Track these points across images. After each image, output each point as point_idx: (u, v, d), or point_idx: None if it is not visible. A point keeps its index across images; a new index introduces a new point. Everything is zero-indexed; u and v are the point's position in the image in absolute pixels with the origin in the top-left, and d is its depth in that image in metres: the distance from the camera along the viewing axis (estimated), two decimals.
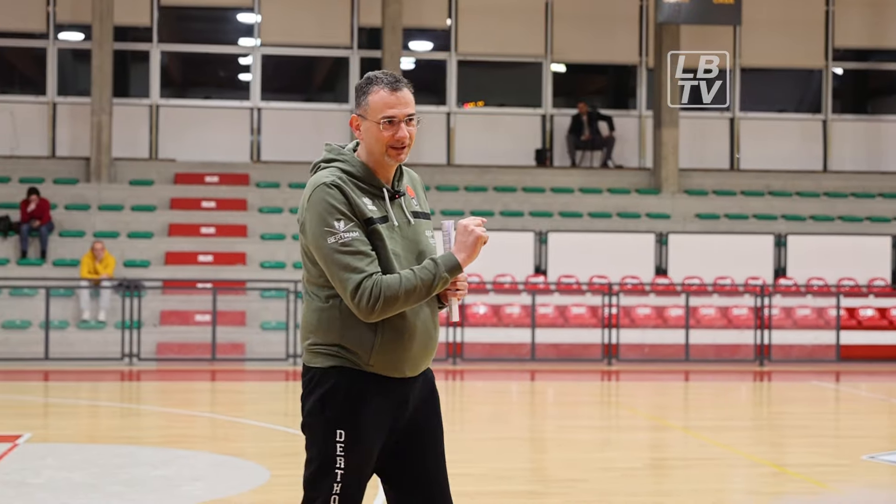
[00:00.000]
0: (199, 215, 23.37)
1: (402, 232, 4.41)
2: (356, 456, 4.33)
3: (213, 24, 26.31)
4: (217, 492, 8.71)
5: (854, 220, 24.47)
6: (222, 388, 17.40)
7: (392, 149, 4.39)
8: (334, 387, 4.33)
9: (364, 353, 4.32)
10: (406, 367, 4.39)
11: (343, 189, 4.32)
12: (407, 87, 4.40)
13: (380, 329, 4.32)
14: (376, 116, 4.37)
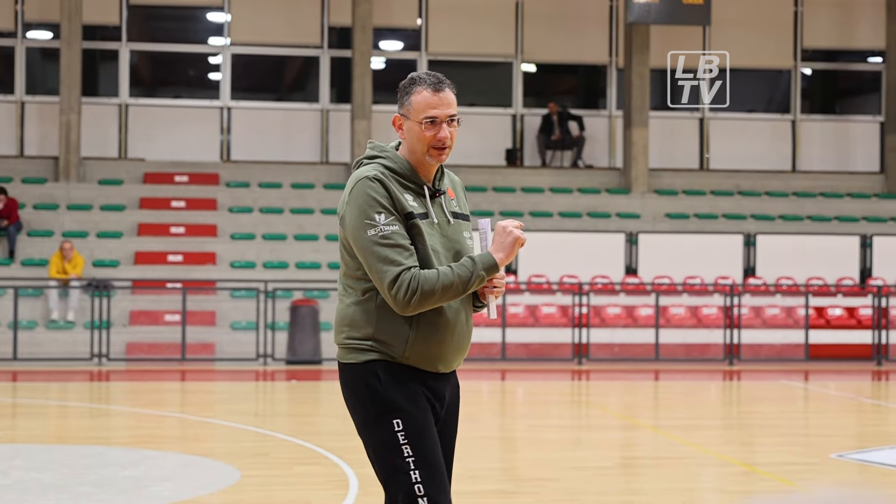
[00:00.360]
0: (169, 215, 23.29)
1: (442, 230, 4.45)
2: (422, 441, 4.37)
3: (183, 24, 26.22)
4: (186, 492, 8.67)
5: (823, 220, 24.59)
6: (192, 388, 17.34)
7: (433, 149, 4.44)
8: (378, 379, 4.38)
9: (399, 346, 4.37)
10: (439, 363, 4.45)
11: (385, 183, 4.35)
12: (449, 88, 4.49)
13: (415, 323, 4.36)
14: (418, 116, 4.43)
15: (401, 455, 4.35)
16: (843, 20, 26.70)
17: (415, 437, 4.36)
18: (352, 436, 11.96)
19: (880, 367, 20.42)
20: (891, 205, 25.18)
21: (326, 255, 22.77)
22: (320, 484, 9.13)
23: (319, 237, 23.10)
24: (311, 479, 9.37)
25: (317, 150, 25.42)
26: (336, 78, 25.65)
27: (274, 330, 19.67)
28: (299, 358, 19.48)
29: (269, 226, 23.33)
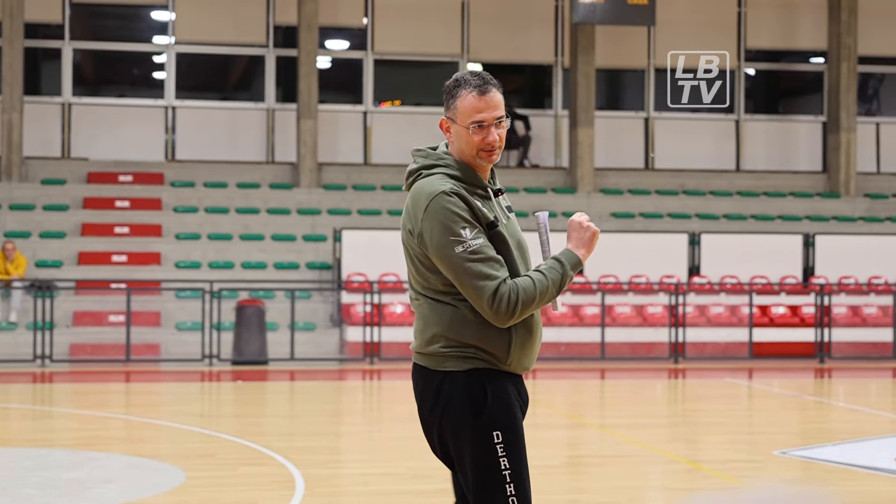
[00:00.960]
0: (113, 215, 23.13)
1: (509, 230, 4.45)
2: (518, 453, 4.34)
3: (127, 22, 26.04)
4: (131, 494, 8.62)
5: (766, 219, 24.79)
6: (137, 389, 17.23)
7: (483, 151, 4.39)
8: (482, 390, 4.33)
9: (502, 353, 4.34)
10: (531, 364, 4.46)
11: (463, 196, 4.31)
12: (496, 89, 4.40)
13: (514, 329, 4.34)
14: (466, 121, 4.37)
15: (498, 467, 4.33)
16: (786, 21, 26.93)
17: (512, 451, 4.34)
18: (298, 436, 11.96)
19: (823, 364, 20.60)
20: (833, 204, 25.43)
21: (272, 255, 22.70)
22: (266, 484, 9.10)
23: (265, 237, 23.02)
24: (256, 479, 9.34)
25: (262, 150, 25.33)
26: (282, 77, 25.56)
27: (220, 330, 19.58)
28: (245, 358, 19.40)
29: (215, 226, 23.22)
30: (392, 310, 20.75)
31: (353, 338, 20.46)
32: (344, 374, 19.04)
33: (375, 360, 19.90)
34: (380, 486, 9.14)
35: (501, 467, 4.32)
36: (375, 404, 16.01)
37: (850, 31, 25.45)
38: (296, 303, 20.33)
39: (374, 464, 10.24)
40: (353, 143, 25.62)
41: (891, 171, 27.01)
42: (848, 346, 21.43)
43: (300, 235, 23.21)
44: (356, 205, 24.02)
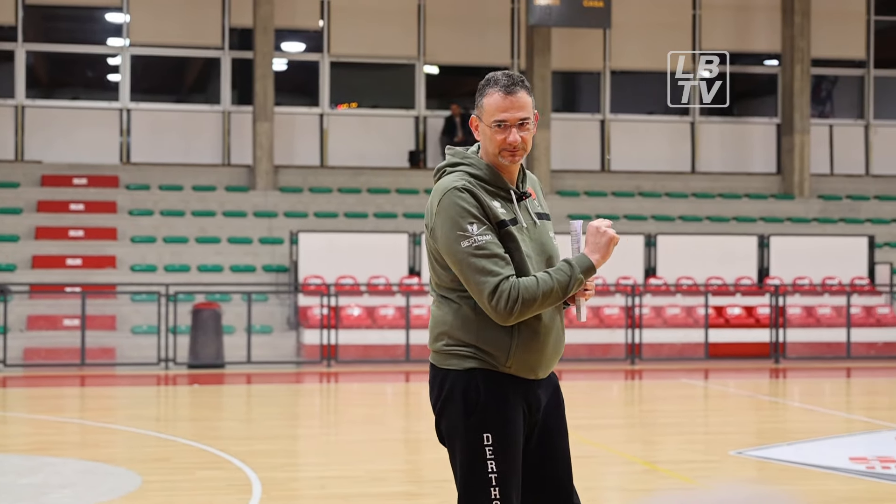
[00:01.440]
0: (68, 218, 22.98)
1: (530, 233, 4.42)
2: (507, 458, 4.34)
3: (81, 24, 25.87)
4: (87, 499, 8.57)
5: (721, 221, 24.93)
6: (92, 393, 17.12)
7: (505, 151, 4.38)
8: (476, 389, 4.34)
9: (502, 355, 4.34)
10: (539, 368, 4.43)
11: (474, 192, 4.31)
12: (523, 90, 4.37)
13: (516, 330, 4.34)
14: (489, 120, 4.37)
15: (485, 469, 4.34)
16: (741, 24, 27.10)
17: (502, 454, 4.34)
18: (254, 440, 11.93)
19: (778, 364, 20.73)
20: (787, 205, 25.61)
21: (228, 258, 22.62)
22: (223, 489, 9.07)
23: (221, 240, 22.94)
24: (213, 483, 9.30)
25: (218, 153, 25.24)
26: (237, 79, 25.48)
27: (175, 334, 19.49)
28: (201, 362, 19.32)
29: (171, 228, 23.11)
30: (349, 312, 20.71)
31: (309, 340, 20.42)
32: (301, 377, 18.99)
33: (332, 363, 19.86)
34: (337, 489, 9.13)
35: (488, 470, 4.34)
36: (332, 407, 15.98)
37: (803, 33, 25.64)
38: (252, 306, 20.26)
39: (331, 467, 10.22)
40: (310, 145, 25.57)
41: (844, 172, 27.23)
42: (802, 347, 21.57)
43: (256, 238, 23.14)
44: (313, 207, 23.97)
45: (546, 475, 4.54)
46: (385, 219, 23.76)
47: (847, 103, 28.04)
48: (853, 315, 21.69)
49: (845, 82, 28.06)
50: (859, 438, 11.88)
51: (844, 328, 21.46)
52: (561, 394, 4.65)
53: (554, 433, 4.56)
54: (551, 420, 4.55)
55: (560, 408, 4.61)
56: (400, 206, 24.13)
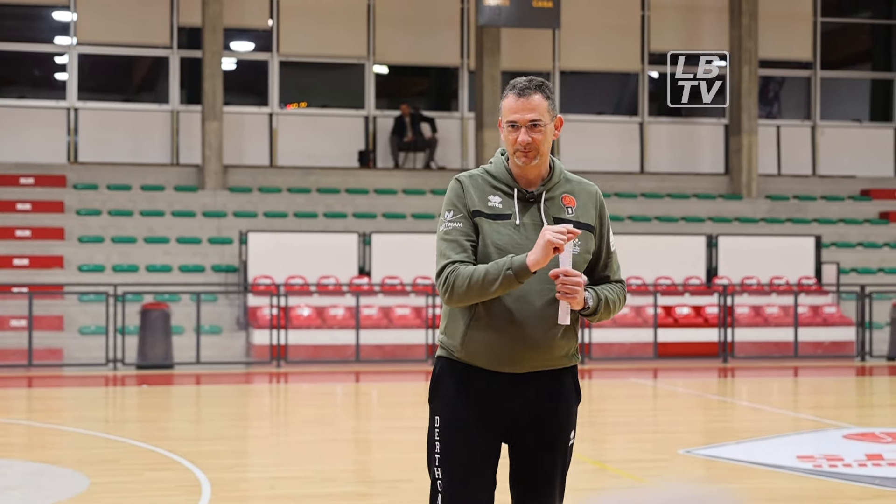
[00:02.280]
0: (14, 218, 22.78)
1: (528, 232, 4.49)
2: (449, 443, 4.53)
3: (27, 22, 25.65)
4: (33, 501, 8.50)
5: (670, 221, 25.07)
6: (39, 394, 16.98)
7: (518, 151, 4.52)
8: (436, 376, 4.64)
9: (456, 344, 4.56)
10: (500, 362, 4.50)
11: (464, 183, 4.55)
12: (538, 93, 4.54)
13: (472, 321, 4.51)
14: (504, 121, 4.56)
15: (433, 449, 4.58)
16: (688, 25, 27.26)
17: (445, 437, 4.54)
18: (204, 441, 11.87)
19: (726, 364, 20.87)
20: (735, 205, 25.78)
21: (177, 258, 22.50)
22: (172, 490, 9.03)
23: (170, 240, 22.81)
24: (162, 484, 9.25)
25: (167, 152, 25.10)
26: (186, 79, 25.35)
27: (124, 334, 19.37)
28: (150, 362, 19.21)
29: (119, 228, 22.96)
30: (299, 312, 20.66)
31: (259, 341, 20.35)
32: (250, 378, 18.92)
33: (282, 363, 19.80)
34: (287, 489, 9.10)
35: (436, 450, 4.57)
36: (282, 407, 15.93)
37: (750, 34, 25.82)
38: (201, 306, 20.17)
39: (281, 467, 10.19)
40: (259, 145, 25.49)
41: (791, 172, 27.46)
42: (750, 346, 21.73)
43: (205, 238, 23.03)
44: (262, 207, 23.89)
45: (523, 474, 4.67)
46: (335, 219, 23.72)
47: (794, 104, 28.28)
48: (800, 314, 21.87)
49: (792, 83, 28.29)
50: (807, 437, 11.98)
51: (792, 328, 21.63)
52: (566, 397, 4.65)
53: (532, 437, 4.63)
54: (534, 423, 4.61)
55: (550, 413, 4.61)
56: (350, 206, 24.09)
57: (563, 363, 4.59)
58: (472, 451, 4.52)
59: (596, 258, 4.64)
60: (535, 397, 4.58)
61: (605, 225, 4.66)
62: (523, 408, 4.57)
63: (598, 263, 4.65)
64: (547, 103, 4.54)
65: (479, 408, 4.53)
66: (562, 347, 4.54)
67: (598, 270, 4.66)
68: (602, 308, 4.54)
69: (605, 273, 4.66)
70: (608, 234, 4.68)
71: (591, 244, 4.58)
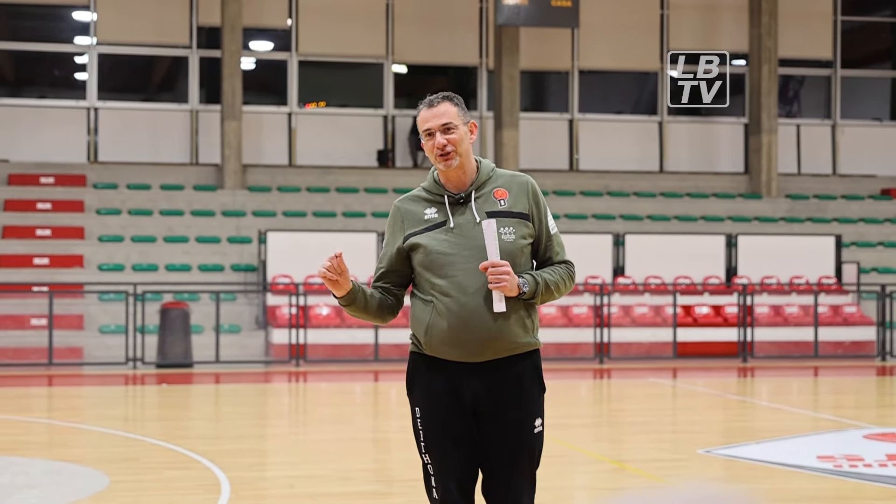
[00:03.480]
0: (35, 217, 22.86)
1: (464, 231, 4.84)
2: (430, 431, 4.88)
3: (48, 22, 25.73)
4: (53, 499, 8.52)
5: (689, 220, 25.01)
6: (60, 393, 17.04)
7: (438, 157, 4.88)
8: (410, 370, 5.01)
9: (422, 338, 4.89)
10: (456, 351, 4.82)
11: (400, 209, 4.98)
12: (446, 101, 4.98)
13: (430, 317, 4.85)
14: (421, 133, 4.97)
15: (419, 439, 4.93)
16: (708, 23, 27.20)
17: (426, 425, 4.89)
18: (223, 440, 11.90)
19: (746, 363, 20.82)
20: (755, 204, 25.71)
21: (196, 258, 22.55)
22: (191, 489, 9.04)
23: (189, 239, 22.86)
24: (181, 483, 9.27)
25: (186, 152, 25.16)
26: (205, 78, 25.41)
27: (143, 333, 19.42)
28: (170, 361, 19.26)
29: (138, 228, 23.02)
30: (317, 312, 20.68)
31: (278, 340, 20.38)
32: (269, 377, 18.95)
33: (301, 363, 19.83)
34: (305, 488, 9.11)
35: (420, 438, 4.91)
36: (301, 407, 15.95)
37: (770, 33, 25.75)
38: (221, 305, 20.21)
39: (299, 466, 10.20)
40: (278, 144, 25.52)
41: (811, 172, 27.37)
42: (770, 346, 21.67)
43: (225, 237, 23.07)
44: (281, 206, 23.92)
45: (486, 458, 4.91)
46: (353, 218, 23.74)
47: (814, 103, 28.19)
48: (820, 314, 21.81)
49: (812, 82, 28.20)
50: (827, 437, 11.94)
51: (812, 327, 21.56)
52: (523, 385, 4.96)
53: (493, 423, 4.88)
54: (493, 409, 4.87)
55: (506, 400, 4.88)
56: (368, 206, 24.11)
57: (521, 349, 4.93)
58: (450, 435, 4.84)
59: (536, 242, 4.94)
60: (495, 383, 4.87)
61: (541, 211, 4.94)
62: (485, 393, 4.86)
63: (540, 247, 4.95)
64: (456, 109, 4.94)
65: (449, 396, 4.85)
66: (516, 334, 4.87)
67: (541, 253, 4.96)
68: (542, 291, 4.85)
69: (549, 255, 4.96)
70: (546, 219, 4.95)
71: (527, 230, 4.88)
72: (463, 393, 4.84)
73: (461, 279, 4.77)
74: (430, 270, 4.83)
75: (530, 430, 4.92)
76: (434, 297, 4.81)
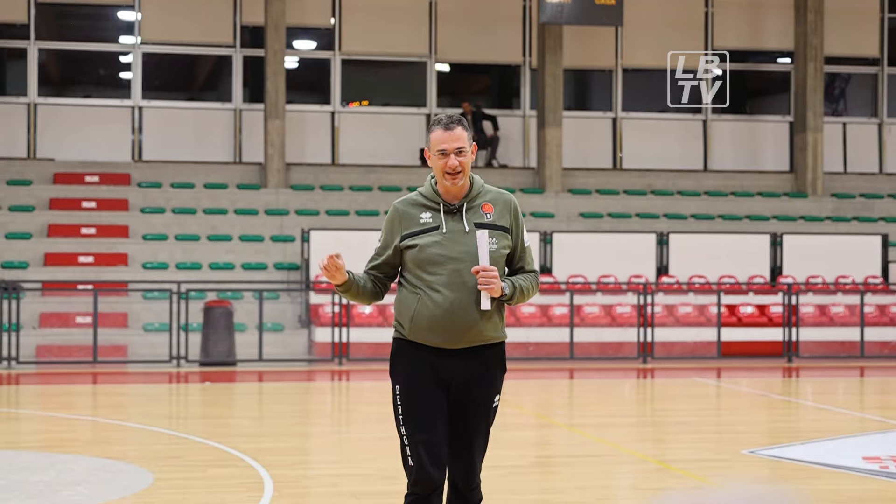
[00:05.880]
0: (80, 216, 23.00)
1: (454, 237, 5.53)
2: (408, 408, 5.52)
3: (93, 22, 25.90)
4: (98, 496, 8.56)
5: (734, 219, 24.87)
6: (104, 390, 17.14)
7: (447, 174, 5.54)
8: (393, 353, 5.63)
9: (406, 324, 5.55)
10: (437, 338, 5.50)
11: (399, 210, 5.65)
12: (460, 126, 5.55)
13: (415, 305, 5.51)
14: (434, 150, 5.55)
15: (397, 413, 5.57)
16: (753, 21, 27.03)
17: (405, 402, 5.53)
18: (266, 438, 11.93)
19: (791, 364, 20.69)
20: (800, 203, 25.54)
21: (240, 256, 22.62)
22: (235, 486, 9.06)
23: (233, 237, 22.94)
24: (225, 481, 9.29)
25: (230, 150, 25.25)
26: (249, 77, 25.48)
27: (187, 331, 19.50)
28: (213, 359, 19.33)
29: (182, 226, 23.12)
30: (360, 310, 20.70)
31: (321, 338, 20.41)
32: (312, 375, 18.98)
33: (344, 361, 19.85)
34: (348, 486, 9.11)
35: (399, 412, 5.57)
36: (344, 405, 15.97)
37: (816, 31, 25.57)
38: (264, 303, 20.26)
39: (342, 465, 10.21)
40: (321, 143, 25.57)
41: (857, 170, 27.15)
42: (815, 346, 21.52)
43: (268, 236, 23.14)
44: (324, 205, 23.97)
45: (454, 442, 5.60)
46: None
47: (860, 101, 27.96)
48: (866, 314, 21.64)
49: (859, 80, 27.97)
50: (873, 438, 11.84)
51: (858, 327, 21.40)
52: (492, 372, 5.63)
53: (468, 407, 5.59)
54: (469, 393, 5.57)
55: (480, 388, 5.59)
56: None
57: (491, 340, 5.57)
58: (425, 409, 5.51)
59: (512, 253, 5.64)
60: (468, 366, 5.55)
61: (519, 226, 5.67)
62: (459, 375, 5.54)
63: (515, 256, 5.66)
64: (466, 134, 5.56)
65: (427, 374, 5.53)
66: (488, 328, 5.54)
67: (515, 262, 5.67)
68: (517, 294, 5.58)
69: (521, 264, 5.68)
70: (522, 234, 5.68)
71: (507, 242, 5.59)
72: (440, 372, 5.51)
73: (448, 277, 5.46)
74: (421, 268, 5.50)
75: (491, 402, 5.64)
76: (422, 290, 5.48)
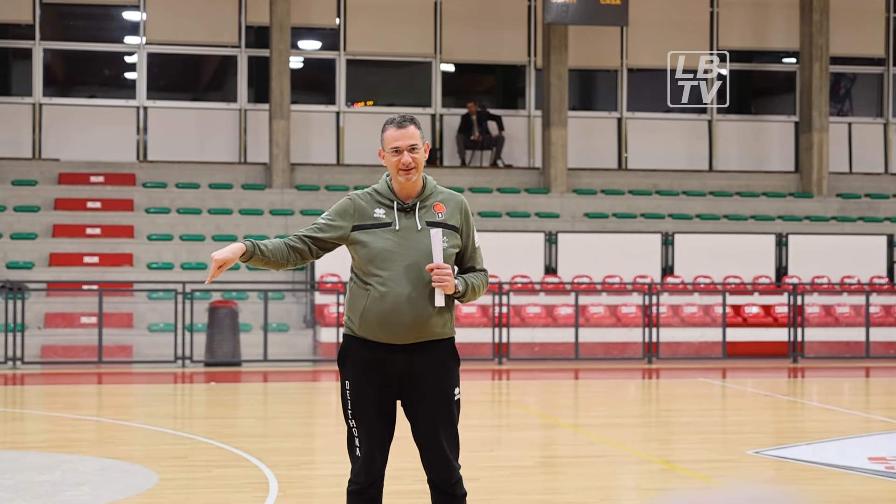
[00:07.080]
0: (85, 216, 23.02)
1: (407, 234, 5.61)
2: (355, 402, 5.69)
3: (98, 22, 25.92)
4: (103, 496, 8.56)
5: (739, 219, 24.85)
6: (109, 391, 17.14)
7: (401, 171, 5.66)
8: (343, 348, 5.74)
9: (356, 320, 5.62)
10: (384, 334, 5.56)
11: (354, 201, 5.73)
12: (412, 125, 5.69)
13: (364, 301, 5.57)
14: (387, 148, 5.71)
15: (346, 407, 5.74)
16: (758, 21, 27.01)
17: (354, 395, 5.69)
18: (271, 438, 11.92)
19: (796, 364, 20.67)
20: (805, 204, 25.52)
21: None
22: (239, 486, 9.06)
23: (238, 238, 22.94)
24: (230, 481, 9.29)
25: (235, 150, 25.26)
26: (254, 77, 25.49)
27: (192, 331, 19.51)
28: (218, 360, 19.33)
29: (187, 226, 23.13)
30: None
31: (326, 339, 20.41)
32: (317, 375, 18.98)
33: None
34: None
35: (348, 406, 5.74)
36: None
37: (821, 31, 25.54)
38: (269, 304, 20.26)
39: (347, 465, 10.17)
40: (326, 143, 25.57)
41: (863, 170, 27.13)
42: (821, 346, 21.50)
43: (273, 236, 23.14)
44: (329, 205, 23.87)
45: (417, 433, 5.78)
46: None
47: (866, 101, 27.94)
48: (872, 314, 21.61)
49: (864, 80, 27.95)
50: (878, 438, 11.82)
51: (863, 327, 21.38)
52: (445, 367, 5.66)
53: (418, 401, 5.67)
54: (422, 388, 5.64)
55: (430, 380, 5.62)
56: None
57: (441, 335, 5.62)
58: (373, 403, 5.64)
59: (462, 251, 5.75)
60: (418, 362, 5.61)
61: (469, 226, 5.78)
62: (410, 370, 5.61)
63: (465, 255, 5.76)
64: (419, 132, 5.69)
65: (376, 369, 5.61)
66: (437, 324, 5.60)
67: (465, 261, 5.76)
68: (469, 292, 5.66)
69: (471, 263, 5.78)
70: (472, 233, 5.78)
71: (457, 241, 5.68)
72: (388, 367, 5.59)
73: (398, 273, 5.52)
74: (373, 263, 5.55)
75: (449, 396, 5.67)
76: (371, 286, 5.53)
